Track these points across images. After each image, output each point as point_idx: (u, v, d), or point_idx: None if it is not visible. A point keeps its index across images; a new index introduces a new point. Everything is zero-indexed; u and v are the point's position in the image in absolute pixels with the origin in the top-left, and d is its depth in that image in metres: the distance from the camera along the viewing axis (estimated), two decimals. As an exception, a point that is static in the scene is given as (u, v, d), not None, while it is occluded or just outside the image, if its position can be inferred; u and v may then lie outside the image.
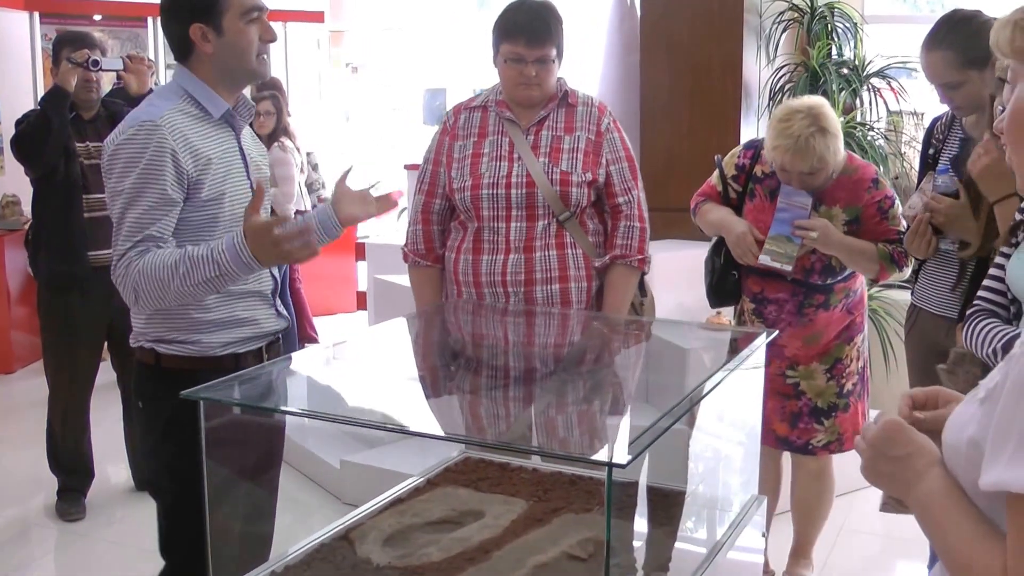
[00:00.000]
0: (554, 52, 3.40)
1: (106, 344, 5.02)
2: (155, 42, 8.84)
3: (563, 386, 2.89)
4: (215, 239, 2.64)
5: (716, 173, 3.95)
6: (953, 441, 1.39)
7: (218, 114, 2.75)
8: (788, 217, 3.61)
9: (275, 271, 2.86)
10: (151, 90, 4.92)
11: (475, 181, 3.43)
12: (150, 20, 8.86)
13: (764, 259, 3.67)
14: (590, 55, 6.37)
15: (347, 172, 3.02)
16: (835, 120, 3.60)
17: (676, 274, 5.29)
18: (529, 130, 3.47)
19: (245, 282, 2.73)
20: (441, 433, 2.64)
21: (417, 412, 2.56)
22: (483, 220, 3.45)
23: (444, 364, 3.10)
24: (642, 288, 3.67)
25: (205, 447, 2.22)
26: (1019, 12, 1.40)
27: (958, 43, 3.25)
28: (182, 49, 2.73)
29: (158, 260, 2.55)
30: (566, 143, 3.45)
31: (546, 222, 3.42)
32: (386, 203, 3.07)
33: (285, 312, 3.01)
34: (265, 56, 2.78)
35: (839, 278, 3.77)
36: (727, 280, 3.92)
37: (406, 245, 3.66)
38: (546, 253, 3.43)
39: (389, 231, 9.38)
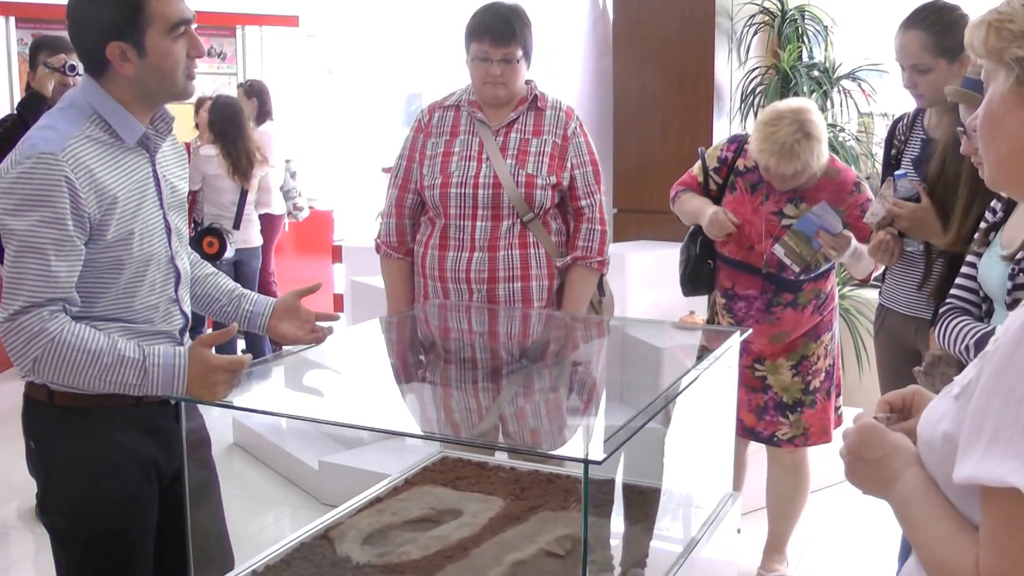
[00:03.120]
0: (520, 53, 3.47)
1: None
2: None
3: (539, 385, 2.92)
4: (119, 282, 2.35)
5: (698, 164, 3.98)
6: (927, 436, 1.43)
7: (132, 140, 2.37)
8: (818, 222, 3.61)
9: (185, 307, 2.55)
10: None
11: (444, 179, 3.51)
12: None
13: (777, 250, 3.70)
14: (564, 58, 6.39)
15: (310, 289, 2.73)
16: (820, 124, 3.64)
17: (649, 274, 5.34)
18: (499, 131, 3.55)
19: (152, 323, 2.43)
20: (421, 432, 2.64)
21: (396, 412, 2.57)
22: (450, 218, 3.52)
23: (421, 365, 3.13)
24: (601, 288, 3.74)
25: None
26: (993, 13, 1.42)
27: (936, 27, 3.29)
28: (95, 66, 2.34)
29: (80, 339, 2.22)
30: (533, 146, 3.53)
31: (510, 222, 3.50)
32: (318, 338, 2.70)
33: None
34: (192, 73, 2.40)
35: (811, 275, 3.82)
36: (702, 269, 3.96)
37: (379, 237, 3.73)
38: (509, 252, 3.50)
39: (365, 233, 9.38)
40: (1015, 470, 1.22)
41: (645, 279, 5.36)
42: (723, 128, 5.99)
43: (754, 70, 6.14)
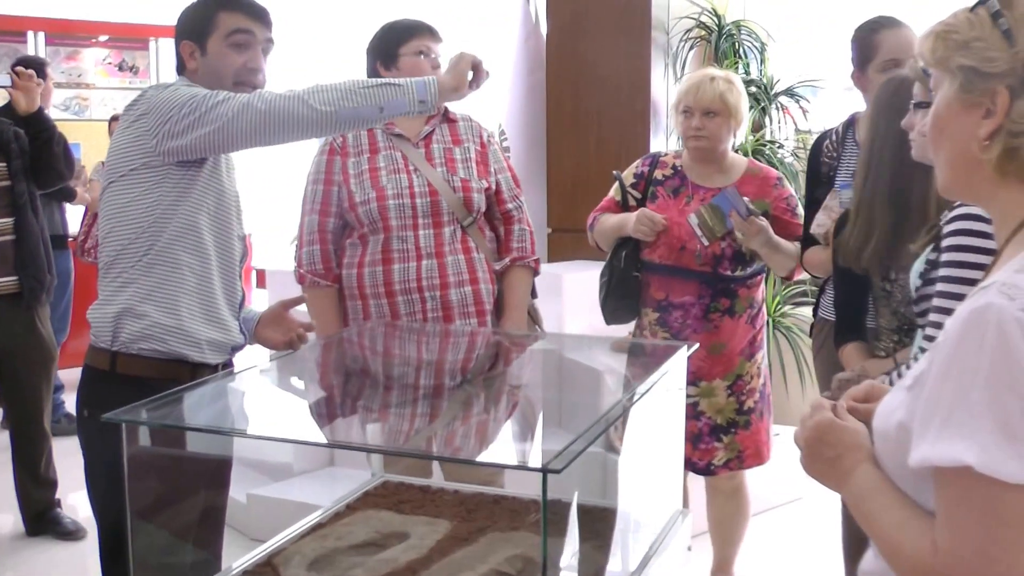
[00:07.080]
0: None
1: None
2: (36, 58, 8.58)
3: (487, 403, 2.89)
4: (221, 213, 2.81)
5: (615, 186, 3.99)
6: (882, 427, 1.51)
7: None
8: (733, 200, 3.64)
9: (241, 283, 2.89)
10: (41, 108, 4.74)
11: (379, 193, 3.47)
12: (30, 35, 8.56)
13: (692, 219, 3.72)
14: (494, 73, 6.36)
15: (297, 300, 3.05)
16: (742, 89, 3.83)
17: (586, 295, 5.22)
18: (418, 143, 3.56)
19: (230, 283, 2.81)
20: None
21: (339, 434, 2.50)
22: (391, 230, 3.48)
23: (355, 389, 3.05)
24: (533, 291, 3.79)
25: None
26: (940, 24, 1.51)
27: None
28: (180, 63, 2.83)
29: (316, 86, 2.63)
30: (457, 153, 3.59)
31: (452, 228, 3.53)
32: (298, 344, 2.97)
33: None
34: (246, 84, 2.78)
35: (748, 271, 3.82)
36: (627, 282, 3.89)
37: (301, 267, 3.63)
38: (455, 257, 3.52)
39: (284, 258, 9.21)
40: (967, 449, 1.30)
41: (581, 300, 5.27)
42: (660, 145, 5.92)
43: (690, 86, 6.08)
